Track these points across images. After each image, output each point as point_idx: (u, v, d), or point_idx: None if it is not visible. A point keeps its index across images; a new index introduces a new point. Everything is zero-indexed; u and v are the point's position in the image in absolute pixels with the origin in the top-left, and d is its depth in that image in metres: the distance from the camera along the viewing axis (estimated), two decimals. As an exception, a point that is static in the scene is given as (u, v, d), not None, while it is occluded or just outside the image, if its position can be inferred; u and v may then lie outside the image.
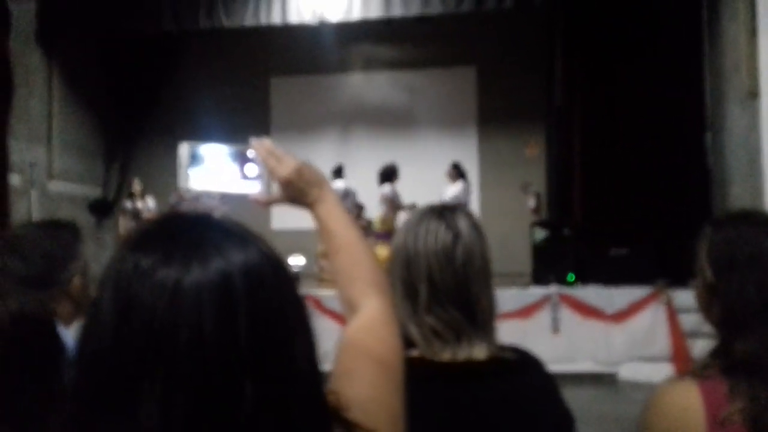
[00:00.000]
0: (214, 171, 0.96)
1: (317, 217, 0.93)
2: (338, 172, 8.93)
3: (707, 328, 1.16)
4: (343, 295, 0.90)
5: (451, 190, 8.66)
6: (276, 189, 0.96)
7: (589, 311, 6.66)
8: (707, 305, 1.15)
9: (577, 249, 7.46)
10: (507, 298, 6.68)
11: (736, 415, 1.01)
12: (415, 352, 1.10)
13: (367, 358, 0.77)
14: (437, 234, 1.12)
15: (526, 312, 6.71)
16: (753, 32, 5.66)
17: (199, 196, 7.45)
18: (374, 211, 8.63)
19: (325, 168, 9.49)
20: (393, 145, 10.63)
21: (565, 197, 8.55)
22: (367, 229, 8.33)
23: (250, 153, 0.98)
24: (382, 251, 7.64)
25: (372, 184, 8.51)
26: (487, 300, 1.13)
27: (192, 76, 10.74)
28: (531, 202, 10.36)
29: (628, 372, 6.32)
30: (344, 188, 8.64)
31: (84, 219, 9.26)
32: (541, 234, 7.71)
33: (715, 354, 1.10)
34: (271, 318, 0.57)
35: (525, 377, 1.12)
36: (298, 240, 7.22)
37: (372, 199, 9.11)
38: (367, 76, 11.08)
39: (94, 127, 10.22)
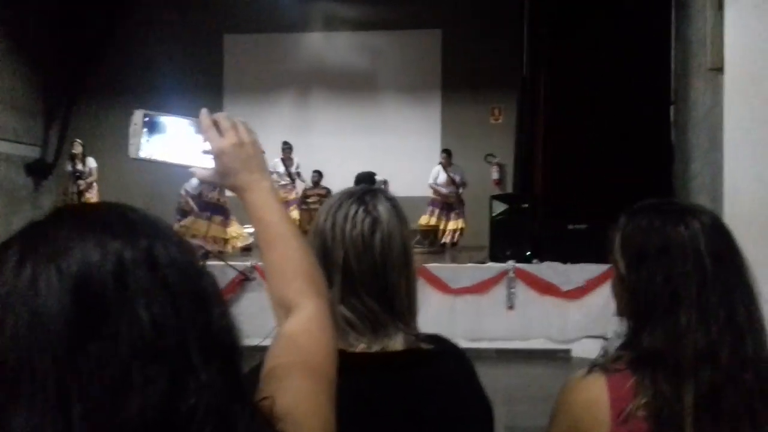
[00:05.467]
0: (173, 142, 0.90)
1: (250, 205, 0.88)
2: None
3: None
4: (275, 293, 0.86)
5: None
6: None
7: (545, 288, 6.65)
8: (620, 296, 1.14)
9: (536, 224, 7.35)
10: (463, 273, 6.60)
11: (640, 409, 1.02)
12: None
13: (303, 366, 0.75)
14: (355, 220, 1.07)
15: (481, 287, 6.67)
16: (719, 5, 5.54)
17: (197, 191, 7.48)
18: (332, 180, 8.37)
19: (283, 131, 9.17)
20: (353, 109, 10.33)
21: (528, 170, 8.42)
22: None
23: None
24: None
25: (331, 149, 8.24)
26: (407, 289, 1.10)
27: (139, 31, 10.23)
28: (494, 174, 10.23)
29: (582, 350, 6.29)
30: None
31: (21, 181, 8.86)
32: (500, 207, 7.55)
33: (624, 347, 1.10)
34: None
35: (441, 367, 1.10)
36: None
37: (331, 165, 8.84)
38: (328, 35, 10.70)
39: (33, 84, 9.73)
